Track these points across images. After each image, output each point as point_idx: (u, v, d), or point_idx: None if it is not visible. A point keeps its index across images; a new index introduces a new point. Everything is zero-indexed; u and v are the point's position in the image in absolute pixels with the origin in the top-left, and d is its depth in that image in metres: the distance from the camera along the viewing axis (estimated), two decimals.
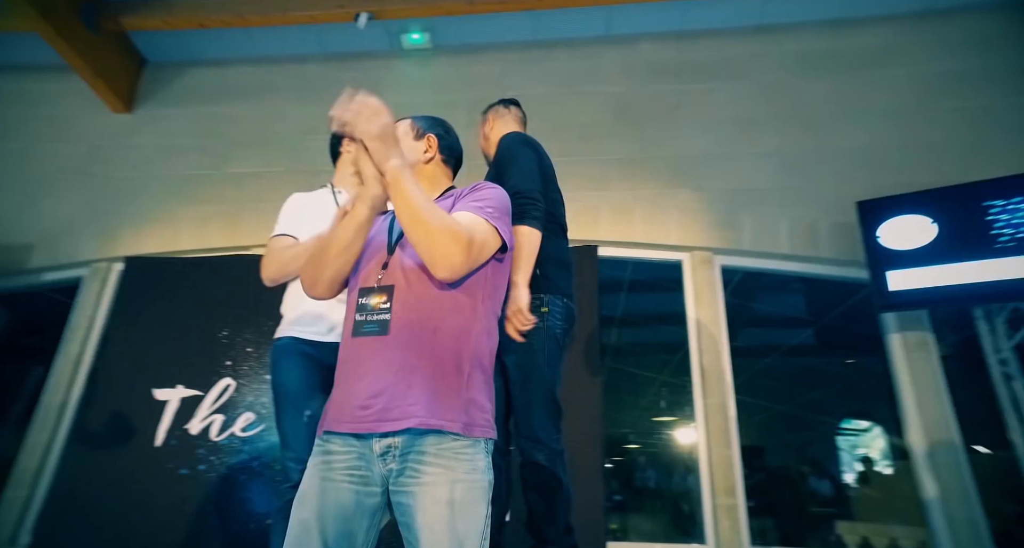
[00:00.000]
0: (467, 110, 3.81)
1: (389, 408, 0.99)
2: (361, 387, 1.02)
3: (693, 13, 3.73)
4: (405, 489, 0.98)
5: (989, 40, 3.47)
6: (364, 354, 1.06)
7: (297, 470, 1.67)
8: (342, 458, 1.02)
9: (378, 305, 1.08)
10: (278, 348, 1.82)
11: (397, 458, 0.99)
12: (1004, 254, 2.55)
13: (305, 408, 1.71)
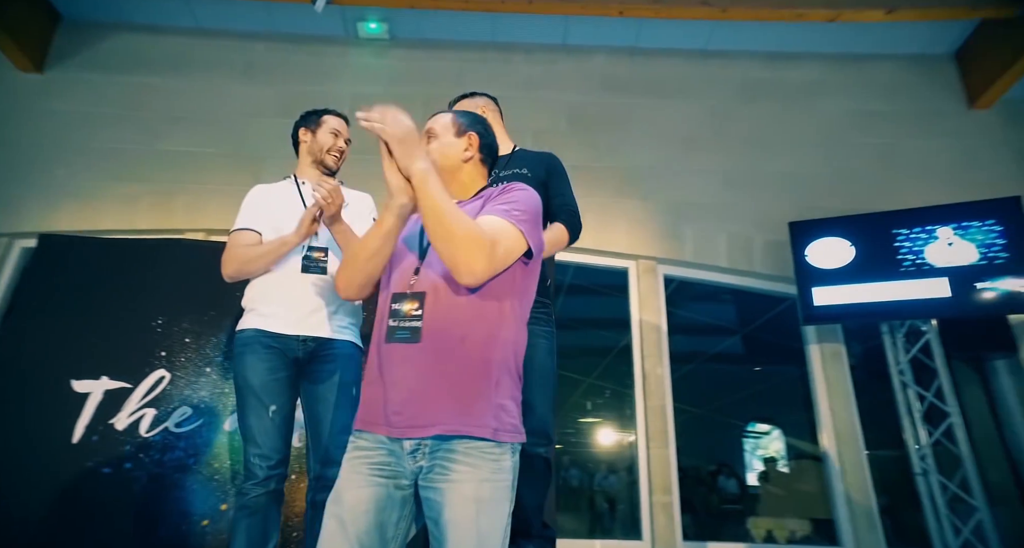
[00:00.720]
0: (423, 105, 3.79)
1: (418, 414, 1.03)
2: (393, 393, 1.05)
3: (647, 31, 3.90)
4: (434, 485, 1.01)
5: (896, 86, 3.89)
6: (396, 360, 1.07)
7: (263, 467, 1.62)
8: (372, 454, 1.06)
9: (410, 312, 1.09)
10: (241, 340, 1.76)
11: (427, 456, 1.03)
12: (907, 277, 2.89)
13: (270, 403, 1.67)
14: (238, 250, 1.81)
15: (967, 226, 2.84)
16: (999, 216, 2.82)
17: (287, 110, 3.80)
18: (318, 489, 1.68)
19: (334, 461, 1.64)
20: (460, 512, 0.98)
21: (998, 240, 2.78)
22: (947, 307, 2.78)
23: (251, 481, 1.62)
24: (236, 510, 1.65)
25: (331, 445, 1.67)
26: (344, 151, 2.03)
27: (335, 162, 2.00)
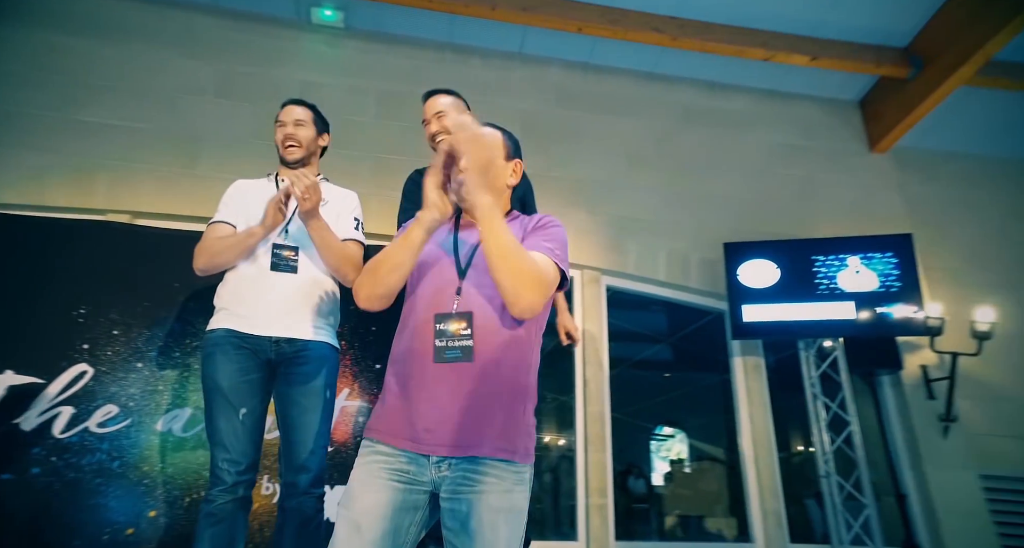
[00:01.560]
0: (377, 99, 3.72)
1: (457, 435, 1.05)
2: (427, 409, 1.06)
3: (600, 49, 4.05)
4: (459, 496, 1.04)
5: (813, 125, 4.32)
6: (434, 377, 1.08)
7: (231, 472, 1.56)
8: (391, 460, 1.07)
9: (458, 331, 1.10)
10: (211, 340, 1.70)
11: (453, 467, 1.05)
12: (821, 299, 3.23)
13: (240, 405, 1.61)
14: (208, 242, 1.76)
15: (871, 257, 3.23)
16: (895, 250, 3.23)
17: (228, 90, 3.60)
18: (288, 495, 1.64)
19: (305, 468, 1.61)
20: (486, 521, 1.01)
21: (894, 271, 3.19)
22: (852, 327, 3.15)
23: (218, 487, 1.56)
24: (201, 517, 1.58)
25: (303, 451, 1.63)
26: (292, 135, 1.94)
27: (289, 154, 1.95)
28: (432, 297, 1.15)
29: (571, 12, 3.67)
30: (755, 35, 3.84)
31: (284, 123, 1.96)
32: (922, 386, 3.54)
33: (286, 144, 1.94)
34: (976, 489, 3.42)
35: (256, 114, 3.52)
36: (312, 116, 2.01)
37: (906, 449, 3.44)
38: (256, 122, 3.50)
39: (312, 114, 2.02)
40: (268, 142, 3.44)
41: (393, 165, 3.56)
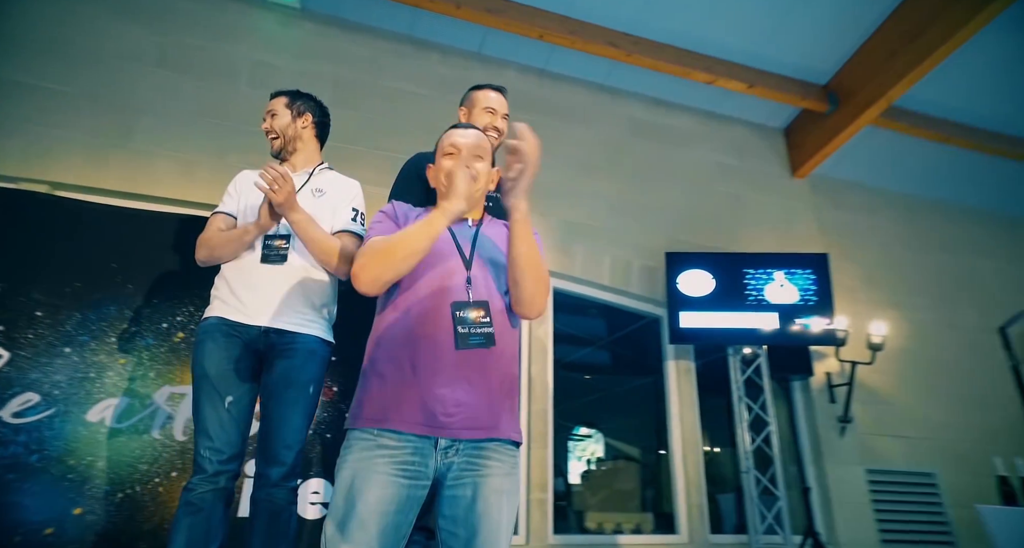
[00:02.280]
0: (333, 86, 3.63)
1: (476, 418, 1.09)
2: (445, 393, 1.08)
3: (556, 56, 4.16)
4: (463, 481, 1.08)
5: (745, 146, 4.67)
6: (451, 362, 1.11)
7: (213, 462, 1.51)
8: (396, 453, 1.07)
9: (478, 319, 1.14)
10: (202, 328, 1.68)
11: (460, 452, 1.09)
12: (750, 309, 3.51)
13: (227, 393, 1.57)
14: (209, 234, 1.75)
15: (793, 272, 3.55)
16: (813, 267, 3.58)
17: (170, 61, 3.38)
18: (258, 486, 1.61)
19: (279, 461, 1.59)
20: (492, 503, 1.07)
21: (812, 286, 3.53)
22: (775, 337, 3.45)
23: (198, 475, 1.52)
24: (179, 507, 1.52)
25: (279, 445, 1.60)
26: (274, 128, 1.93)
27: (271, 147, 1.94)
28: (440, 284, 1.17)
29: (534, 19, 3.75)
30: (701, 59, 4.10)
31: (265, 119, 1.93)
32: (826, 391, 3.94)
33: (267, 137, 1.92)
34: (863, 482, 3.86)
35: (201, 90, 3.34)
36: (286, 101, 1.97)
37: (811, 447, 3.81)
38: (201, 99, 3.32)
39: (287, 99, 1.98)
40: (215, 121, 3.31)
41: (347, 154, 3.49)
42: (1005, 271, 5.33)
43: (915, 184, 5.19)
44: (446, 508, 1.08)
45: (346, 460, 1.08)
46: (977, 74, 4.20)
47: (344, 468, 1.07)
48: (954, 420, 4.46)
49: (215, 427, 1.56)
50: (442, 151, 1.34)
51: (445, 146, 1.33)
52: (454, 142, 1.32)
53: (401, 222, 1.27)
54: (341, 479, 1.06)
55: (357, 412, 1.12)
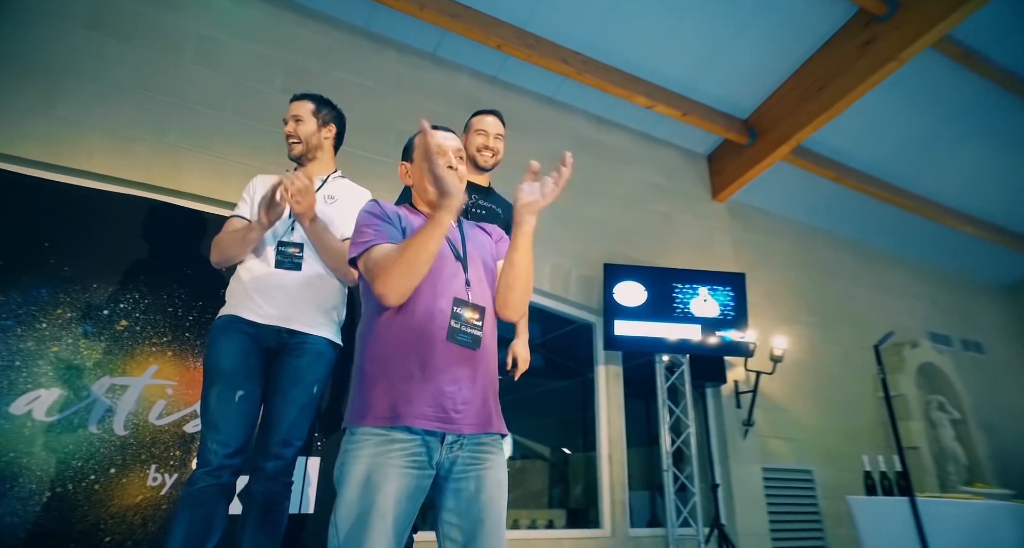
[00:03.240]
0: (284, 73, 3.53)
1: (478, 414, 1.19)
2: (452, 390, 1.16)
3: (509, 66, 4.28)
4: (468, 475, 1.17)
5: (674, 169, 5.05)
6: (454, 361, 1.18)
7: (220, 454, 1.50)
8: (407, 446, 1.12)
9: (471, 320, 1.22)
10: (216, 325, 1.69)
11: (464, 447, 1.17)
12: (677, 321, 3.82)
13: (238, 388, 1.58)
14: (220, 236, 1.78)
15: (716, 289, 3.91)
16: (732, 285, 3.96)
17: (103, 24, 3.13)
18: (255, 480, 1.62)
19: (276, 456, 1.59)
20: (495, 494, 1.17)
21: (731, 302, 3.91)
22: (698, 347, 3.79)
23: (202, 469, 1.51)
24: (180, 499, 1.51)
25: (278, 441, 1.63)
26: (296, 133, 1.92)
27: (290, 150, 1.94)
28: (443, 284, 1.24)
29: (493, 29, 3.85)
30: (643, 84, 4.40)
31: (286, 120, 1.91)
32: (733, 397, 4.36)
33: (288, 140, 1.90)
34: (759, 479, 4.32)
35: (139, 60, 3.11)
36: (312, 108, 1.96)
37: (719, 448, 4.21)
38: (138, 69, 3.10)
39: (314, 106, 1.97)
40: (154, 95, 3.10)
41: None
42: (873, 296, 6.15)
43: (810, 215, 5.86)
44: (449, 501, 1.15)
45: (358, 456, 1.11)
46: (866, 126, 4.83)
47: (356, 463, 1.10)
48: (830, 424, 5.09)
49: (224, 420, 1.55)
50: (425, 151, 1.40)
51: (430, 146, 1.40)
52: (440, 144, 1.39)
53: (395, 222, 1.31)
54: (353, 474, 1.10)
55: (364, 411, 1.15)
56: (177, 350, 2.27)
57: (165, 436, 2.15)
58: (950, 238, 6.35)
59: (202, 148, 3.12)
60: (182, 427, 2.19)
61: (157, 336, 2.25)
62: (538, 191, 1.27)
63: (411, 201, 1.47)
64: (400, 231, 1.30)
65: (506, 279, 1.30)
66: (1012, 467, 6.26)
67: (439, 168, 1.18)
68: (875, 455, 4.74)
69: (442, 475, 1.17)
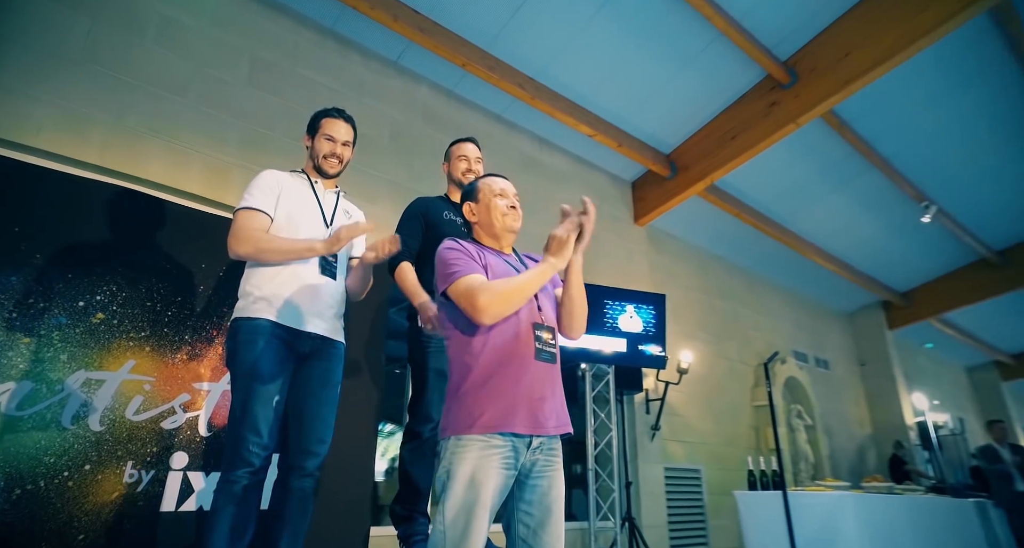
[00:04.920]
0: (249, 65, 3.50)
1: (559, 418, 1.43)
2: (540, 400, 1.39)
3: (467, 82, 4.48)
4: (546, 473, 1.40)
5: (604, 192, 5.52)
6: (540, 375, 1.40)
7: (260, 456, 1.57)
8: (503, 451, 1.34)
9: (548, 339, 1.45)
10: (253, 328, 1.69)
11: (542, 451, 1.40)
12: (607, 334, 4.23)
13: (275, 394, 1.66)
14: (257, 234, 1.75)
15: (640, 307, 4.38)
16: (654, 304, 4.45)
17: None
18: (293, 476, 1.71)
19: (315, 453, 1.70)
20: (559, 491, 1.42)
21: (652, 320, 4.39)
22: (622, 358, 4.21)
23: (245, 469, 1.57)
24: (222, 497, 1.56)
25: (315, 439, 1.74)
26: (341, 156, 2.01)
27: (332, 167, 1.98)
28: (526, 311, 1.46)
29: (460, 48, 4.03)
30: (587, 114, 4.79)
31: (334, 139, 1.97)
32: (644, 404, 4.87)
33: (330, 160, 1.97)
34: (661, 477, 4.86)
35: (94, 33, 2.93)
36: (354, 135, 2.06)
37: (632, 449, 4.68)
38: (93, 42, 2.92)
39: (354, 132, 2.07)
40: (111, 73, 2.94)
41: (262, 140, 3.38)
42: (755, 317, 7.08)
43: (711, 243, 6.63)
44: (527, 494, 1.38)
45: (464, 458, 1.30)
46: (762, 172, 5.60)
47: (463, 464, 1.30)
48: (715, 428, 5.82)
49: (265, 424, 1.61)
50: (491, 192, 1.63)
51: (495, 190, 1.63)
52: (504, 188, 1.64)
53: (477, 258, 1.50)
54: (461, 473, 1.29)
55: (470, 421, 1.34)
56: (155, 345, 2.23)
57: (142, 432, 2.11)
58: (813, 271, 7.45)
59: (163, 134, 3.00)
60: (160, 423, 2.16)
61: (135, 330, 2.20)
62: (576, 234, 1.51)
63: (473, 237, 1.65)
64: (482, 266, 1.48)
65: (568, 307, 1.54)
66: (844, 463, 7.49)
67: (567, 236, 1.45)
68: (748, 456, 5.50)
69: (523, 475, 1.38)
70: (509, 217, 1.60)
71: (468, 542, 1.25)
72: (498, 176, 1.68)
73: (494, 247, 1.61)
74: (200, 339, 2.35)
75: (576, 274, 1.53)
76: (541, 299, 1.54)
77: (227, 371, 2.37)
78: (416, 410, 2.11)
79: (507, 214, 1.60)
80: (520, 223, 1.63)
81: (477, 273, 1.44)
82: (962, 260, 7.86)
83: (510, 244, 1.66)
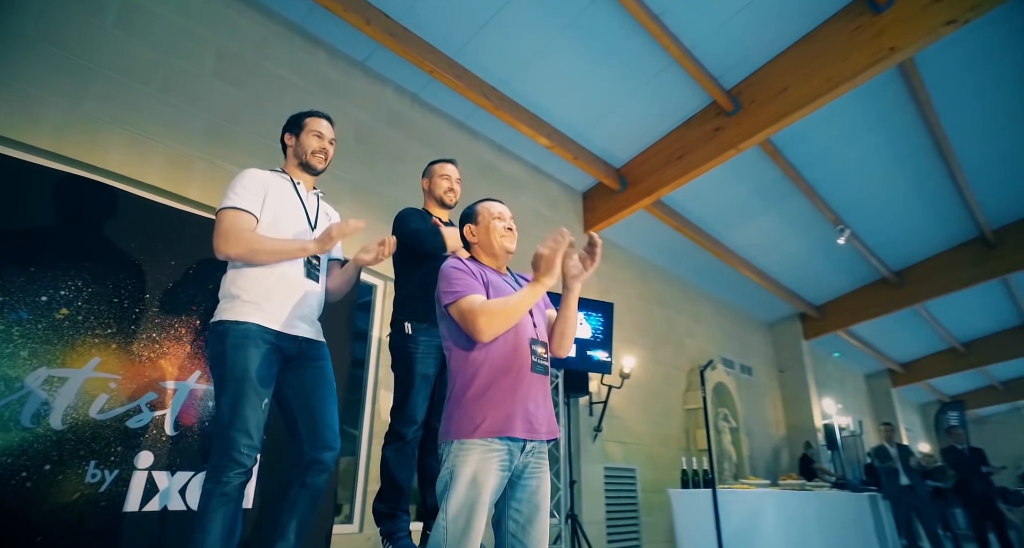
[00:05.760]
0: (216, 55, 3.46)
1: (549, 424, 1.56)
2: (534, 408, 1.52)
3: (431, 87, 4.54)
4: (536, 474, 1.54)
5: (556, 201, 5.72)
6: (535, 386, 1.54)
7: (250, 457, 1.61)
8: (501, 454, 1.46)
9: (542, 353, 1.58)
10: (243, 332, 1.71)
11: (533, 454, 1.54)
12: None
13: (264, 397, 1.68)
14: (248, 234, 1.76)
15: (590, 314, 4.60)
16: (603, 312, 4.68)
17: None
18: (314, 471, 1.78)
19: (331, 447, 1.77)
20: (545, 492, 1.56)
21: (601, 327, 4.62)
22: (572, 363, 4.41)
23: (235, 470, 1.61)
24: (213, 498, 1.59)
25: (330, 434, 1.82)
26: (328, 152, 2.06)
27: (321, 163, 2.03)
28: (521, 326, 1.59)
29: (428, 54, 4.10)
30: (546, 126, 4.97)
31: (322, 136, 2.01)
32: (588, 406, 5.10)
33: (319, 155, 2.01)
34: (601, 476, 5.11)
35: (46, 10, 2.79)
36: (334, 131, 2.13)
37: (576, 449, 4.90)
38: (46, 20, 2.79)
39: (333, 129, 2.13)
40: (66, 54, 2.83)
41: (226, 133, 3.32)
42: (689, 325, 7.52)
43: (652, 253, 6.99)
44: (517, 493, 1.51)
45: (467, 460, 1.42)
46: (703, 189, 5.98)
47: (465, 466, 1.42)
48: (650, 430, 6.16)
49: (256, 427, 1.65)
50: (490, 215, 1.75)
51: (493, 213, 1.75)
52: (501, 212, 1.77)
53: (479, 277, 1.61)
54: (464, 474, 1.41)
55: (472, 427, 1.45)
56: (122, 343, 2.17)
57: (106, 431, 2.06)
58: (741, 283, 8.00)
59: (123, 123, 2.90)
60: (124, 422, 2.12)
61: (101, 327, 2.14)
62: (580, 265, 1.65)
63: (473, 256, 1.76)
64: (483, 285, 1.58)
65: (561, 329, 1.68)
66: (762, 463, 8.09)
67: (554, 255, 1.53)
68: (679, 456, 5.86)
69: (515, 476, 1.51)
70: (506, 238, 1.72)
71: (469, 536, 1.37)
72: (495, 201, 1.80)
73: (492, 266, 1.72)
74: (168, 337, 2.32)
75: (575, 300, 1.66)
76: (536, 316, 1.67)
77: (195, 370, 2.37)
78: (400, 413, 2.18)
79: (505, 236, 1.72)
80: (515, 244, 1.74)
81: (478, 293, 1.55)
82: (867, 278, 8.67)
83: (505, 263, 1.78)
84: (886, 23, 4.00)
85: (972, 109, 5.35)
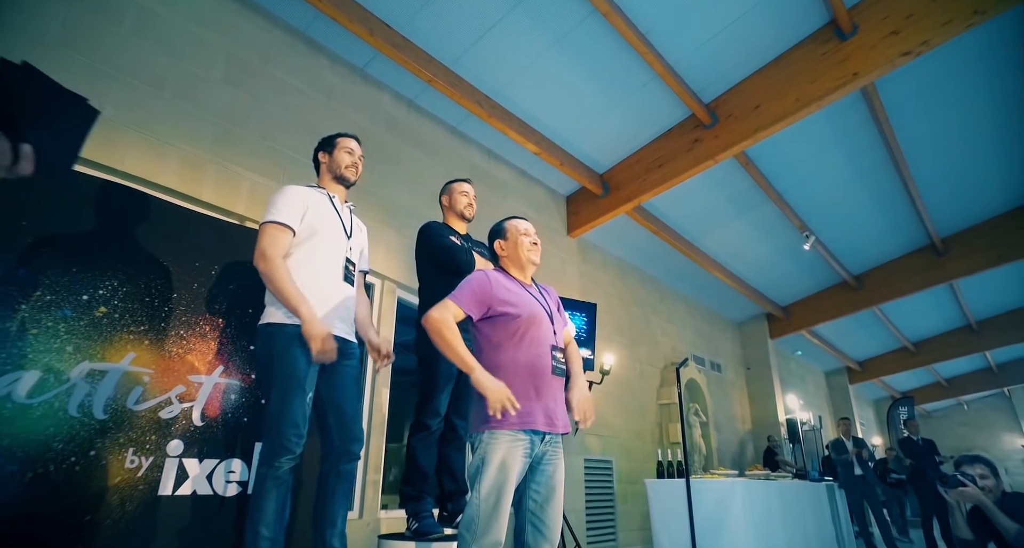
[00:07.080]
0: (225, 60, 3.58)
1: (563, 419, 1.80)
2: (553, 405, 1.76)
3: (427, 94, 4.73)
4: (553, 461, 1.78)
5: (542, 205, 5.97)
6: (554, 386, 1.78)
7: (299, 444, 1.79)
8: (524, 442, 1.70)
9: (561, 358, 1.82)
10: (289, 335, 1.92)
11: (551, 444, 1.78)
12: None
13: (309, 391, 1.86)
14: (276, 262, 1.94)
15: (575, 314, 4.85)
16: (587, 312, 4.95)
17: None
18: (345, 460, 1.99)
19: (355, 438, 1.96)
20: (561, 477, 1.81)
21: (585, 326, 4.89)
22: None
23: (286, 456, 1.79)
24: (268, 481, 1.79)
25: (357, 427, 2.02)
26: (358, 166, 2.27)
27: (353, 175, 2.24)
28: (544, 333, 1.83)
29: (426, 64, 4.28)
30: (535, 133, 5.20)
31: (353, 152, 2.24)
32: None
33: (351, 169, 2.23)
34: (581, 468, 5.39)
35: (70, 17, 2.89)
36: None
37: None
38: (69, 27, 2.89)
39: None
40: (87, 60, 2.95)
41: (236, 137, 3.46)
42: (663, 324, 7.87)
43: (630, 255, 7.31)
44: (537, 476, 1.75)
45: (497, 448, 1.66)
46: (680, 195, 6.31)
47: (496, 453, 1.65)
48: (626, 424, 6.48)
49: (302, 418, 1.86)
50: (518, 232, 1.98)
51: (520, 229, 1.99)
52: (527, 228, 2.02)
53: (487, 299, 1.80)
54: (494, 459, 1.64)
55: (501, 420, 1.68)
56: (154, 339, 2.33)
57: (142, 421, 2.22)
58: (713, 284, 8.40)
59: (140, 127, 3.02)
60: (158, 413, 2.27)
61: (135, 324, 2.29)
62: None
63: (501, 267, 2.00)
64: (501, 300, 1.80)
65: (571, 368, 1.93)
66: (728, 455, 8.52)
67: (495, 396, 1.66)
68: (654, 449, 6.19)
69: (535, 462, 1.76)
70: (532, 252, 1.96)
71: (499, 512, 1.61)
72: (521, 218, 2.03)
73: (519, 277, 1.95)
74: (194, 334, 2.47)
75: (582, 379, 1.93)
76: (557, 325, 1.91)
77: (218, 365, 2.53)
78: (427, 407, 2.42)
79: (531, 250, 1.96)
80: (539, 257, 1.97)
81: (463, 306, 1.78)
82: (829, 281, 9.18)
83: (531, 274, 2.01)
84: (850, 50, 4.35)
85: (924, 129, 5.80)
